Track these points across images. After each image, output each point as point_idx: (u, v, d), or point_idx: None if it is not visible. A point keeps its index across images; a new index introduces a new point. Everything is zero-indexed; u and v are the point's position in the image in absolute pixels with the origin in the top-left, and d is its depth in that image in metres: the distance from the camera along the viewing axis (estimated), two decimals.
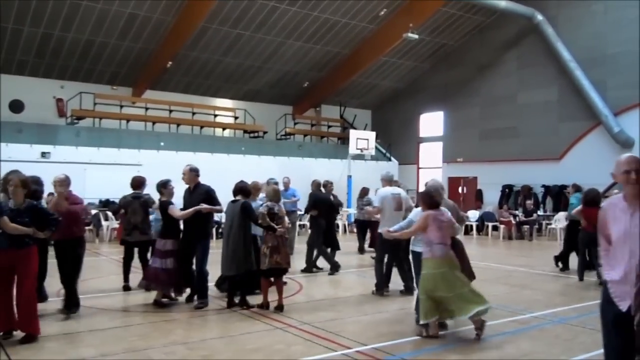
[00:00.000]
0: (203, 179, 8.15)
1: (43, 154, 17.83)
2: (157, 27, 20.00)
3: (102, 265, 12.24)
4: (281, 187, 11.41)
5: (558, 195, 20.99)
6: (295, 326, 6.65)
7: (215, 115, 24.68)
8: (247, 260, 7.47)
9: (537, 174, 21.71)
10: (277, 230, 7.30)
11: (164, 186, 7.84)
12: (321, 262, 11.14)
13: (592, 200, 10.01)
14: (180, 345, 5.85)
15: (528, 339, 6.36)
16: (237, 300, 7.61)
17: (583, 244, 10.39)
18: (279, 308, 7.32)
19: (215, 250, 8.13)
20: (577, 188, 12.28)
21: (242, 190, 7.60)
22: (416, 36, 20.67)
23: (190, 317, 7.18)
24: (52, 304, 7.38)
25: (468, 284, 6.39)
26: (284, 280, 8.00)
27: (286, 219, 7.76)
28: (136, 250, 8.98)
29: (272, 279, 7.47)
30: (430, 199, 6.53)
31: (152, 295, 8.04)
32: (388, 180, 9.06)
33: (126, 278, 8.97)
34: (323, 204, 11.32)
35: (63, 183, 6.94)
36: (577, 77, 20.45)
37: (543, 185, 21.74)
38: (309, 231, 12.21)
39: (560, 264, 11.70)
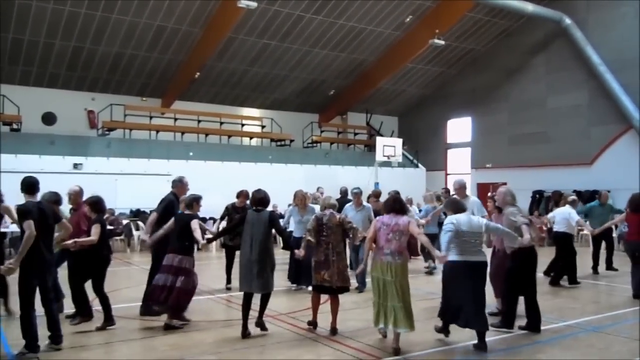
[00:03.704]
0: (231, 188, 8.26)
1: (75, 166, 18.16)
2: (185, 39, 20.28)
3: (134, 274, 12.39)
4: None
5: (590, 201, 20.51)
6: (325, 336, 6.65)
7: (243, 125, 24.86)
8: (272, 277, 6.89)
9: (568, 179, 21.35)
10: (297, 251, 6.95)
11: (197, 201, 7.51)
12: None
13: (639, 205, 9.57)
14: (212, 355, 5.90)
15: (561, 348, 6.27)
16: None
17: (631, 255, 9.63)
18: (332, 331, 6.78)
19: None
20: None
21: (262, 201, 7.08)
22: (442, 42, 20.56)
23: (220, 326, 7.23)
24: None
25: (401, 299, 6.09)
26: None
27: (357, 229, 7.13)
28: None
29: (320, 295, 6.97)
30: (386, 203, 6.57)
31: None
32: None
33: (229, 280, 9.89)
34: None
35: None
36: (607, 81, 20.13)
37: (574, 191, 21.34)
38: None
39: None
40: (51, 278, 6.13)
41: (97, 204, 7.06)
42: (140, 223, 17.06)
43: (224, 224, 10.02)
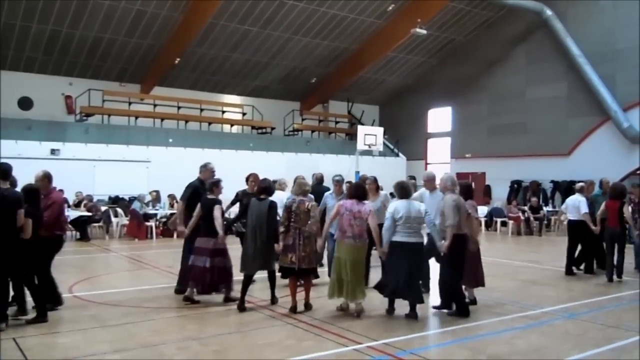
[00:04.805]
0: None
1: (52, 151, 17.93)
2: (165, 24, 20.04)
3: (113, 261, 12.31)
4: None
5: (567, 191, 20.79)
6: (305, 321, 6.68)
7: (223, 112, 24.71)
8: (273, 259, 7.39)
9: (546, 170, 21.63)
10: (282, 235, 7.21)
11: (216, 185, 7.77)
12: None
13: (620, 193, 9.82)
14: (193, 341, 5.89)
15: (538, 334, 6.37)
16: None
17: (609, 241, 9.95)
18: (305, 306, 7.21)
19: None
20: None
21: (268, 189, 7.57)
22: (424, 31, 20.58)
23: (202, 312, 7.21)
24: (69, 299, 7.44)
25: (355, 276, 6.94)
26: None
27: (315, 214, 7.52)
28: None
29: (298, 279, 7.29)
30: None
31: (164, 291, 8.12)
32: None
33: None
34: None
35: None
36: (586, 73, 20.34)
37: (552, 181, 21.66)
38: None
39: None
40: (12, 258, 6.16)
41: (28, 193, 6.54)
42: (119, 210, 16.91)
43: (235, 210, 9.61)
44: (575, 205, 10.55)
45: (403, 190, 7.09)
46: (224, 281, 7.55)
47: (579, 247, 10.76)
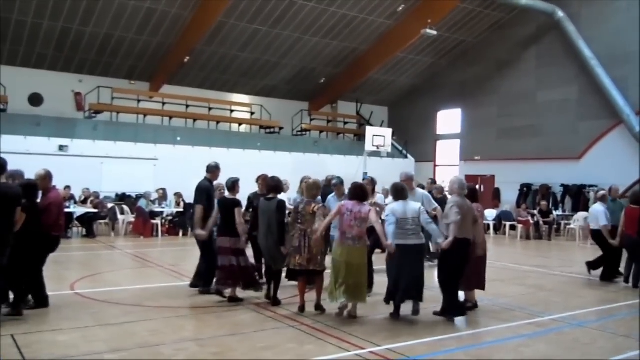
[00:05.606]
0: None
1: (61, 147, 17.95)
2: (174, 22, 20.02)
3: (117, 259, 12.27)
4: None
5: (577, 195, 20.69)
6: (308, 325, 6.57)
7: (232, 111, 24.67)
8: (280, 259, 7.40)
9: (556, 174, 21.40)
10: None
11: (236, 183, 7.79)
12: None
13: None
14: (192, 342, 5.81)
15: (546, 343, 6.23)
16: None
17: (630, 249, 9.79)
18: (315, 307, 7.16)
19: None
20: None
21: (277, 188, 7.58)
22: (435, 32, 20.43)
23: (202, 313, 7.14)
24: (70, 297, 7.39)
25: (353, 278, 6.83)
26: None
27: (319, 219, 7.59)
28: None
29: (308, 281, 7.29)
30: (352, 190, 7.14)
31: (166, 290, 8.04)
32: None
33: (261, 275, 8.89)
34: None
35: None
36: (598, 75, 20.09)
37: (562, 185, 21.44)
38: None
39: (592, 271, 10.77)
40: (3, 258, 5.97)
41: (26, 188, 6.55)
42: (125, 207, 16.89)
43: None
44: (595, 216, 10.44)
45: (398, 192, 7.09)
46: (247, 279, 7.58)
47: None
